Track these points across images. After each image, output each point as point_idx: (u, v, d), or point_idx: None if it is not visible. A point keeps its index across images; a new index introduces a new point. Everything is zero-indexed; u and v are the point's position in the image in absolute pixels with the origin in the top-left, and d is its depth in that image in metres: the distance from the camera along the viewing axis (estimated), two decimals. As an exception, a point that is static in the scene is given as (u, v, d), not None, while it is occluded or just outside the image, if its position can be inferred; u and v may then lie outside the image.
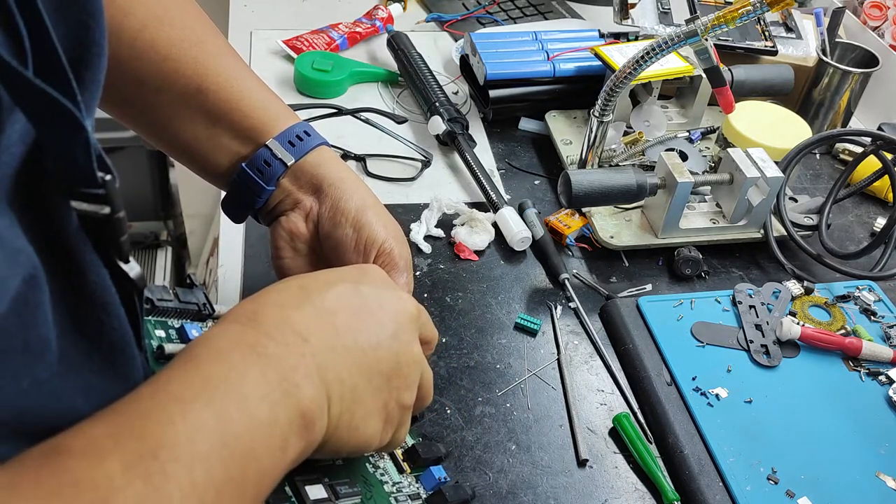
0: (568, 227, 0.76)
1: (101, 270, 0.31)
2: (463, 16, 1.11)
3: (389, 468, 0.48)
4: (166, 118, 0.54)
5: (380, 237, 0.52)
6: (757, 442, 0.58)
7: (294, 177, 0.54)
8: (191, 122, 0.53)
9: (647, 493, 0.57)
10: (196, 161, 0.56)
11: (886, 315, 0.70)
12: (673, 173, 0.71)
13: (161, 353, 0.41)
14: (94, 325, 0.31)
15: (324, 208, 0.54)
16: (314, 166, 0.54)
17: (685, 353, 0.64)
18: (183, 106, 0.53)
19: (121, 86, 0.52)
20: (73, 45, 0.30)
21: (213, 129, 0.53)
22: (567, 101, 0.91)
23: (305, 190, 0.54)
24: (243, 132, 0.54)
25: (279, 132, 0.54)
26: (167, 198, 1.80)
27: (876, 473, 0.57)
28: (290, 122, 0.55)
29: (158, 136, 0.56)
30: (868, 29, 1.04)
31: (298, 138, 0.54)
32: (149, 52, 0.51)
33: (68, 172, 0.29)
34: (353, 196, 0.53)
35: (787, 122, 0.82)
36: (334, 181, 0.54)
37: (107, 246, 0.32)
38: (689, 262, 0.73)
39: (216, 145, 0.54)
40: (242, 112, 0.53)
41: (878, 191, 0.87)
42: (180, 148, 0.55)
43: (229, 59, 0.55)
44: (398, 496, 0.47)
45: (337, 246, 0.53)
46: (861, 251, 0.73)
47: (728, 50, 0.94)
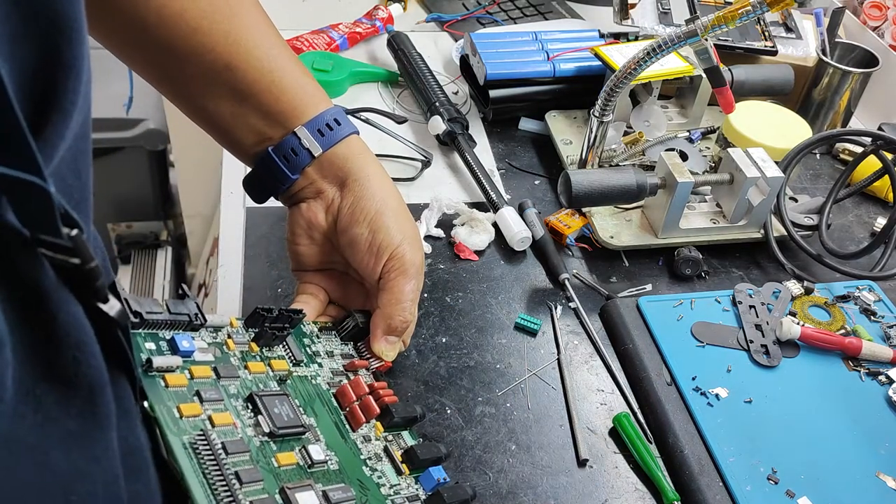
0: (568, 227, 0.76)
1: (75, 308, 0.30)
2: (463, 16, 1.11)
3: (387, 470, 0.48)
4: (192, 90, 0.52)
5: (394, 242, 0.52)
6: (757, 442, 0.58)
7: (320, 167, 0.53)
8: (218, 98, 0.51)
9: (647, 492, 0.57)
10: (221, 135, 0.54)
11: (886, 315, 0.70)
12: (673, 173, 0.71)
13: (149, 365, 0.41)
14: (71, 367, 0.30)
15: (345, 203, 0.53)
16: (342, 159, 0.53)
17: (685, 353, 0.64)
18: (210, 81, 0.51)
19: (145, 51, 0.50)
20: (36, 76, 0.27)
21: (240, 108, 0.52)
22: (567, 101, 0.91)
23: (330, 181, 0.53)
24: (272, 115, 0.52)
25: (309, 119, 0.52)
26: (167, 198, 1.80)
27: (876, 473, 0.57)
28: (322, 108, 0.53)
29: (184, 105, 0.54)
30: (868, 29, 1.04)
31: (329, 127, 0.52)
32: (178, 22, 0.49)
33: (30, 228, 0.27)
34: (375, 195, 0.53)
35: (787, 122, 0.82)
36: (359, 177, 0.53)
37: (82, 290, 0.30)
38: (690, 262, 0.73)
39: (243, 123, 0.52)
40: (272, 94, 0.51)
41: (878, 191, 0.87)
42: (206, 120, 0.53)
43: (263, 35, 0.52)
44: (395, 498, 0.47)
45: (352, 243, 0.53)
46: (861, 251, 0.73)
47: (728, 50, 0.94)
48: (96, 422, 0.31)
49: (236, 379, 0.45)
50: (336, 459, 0.46)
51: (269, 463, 0.42)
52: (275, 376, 0.48)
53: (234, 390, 0.44)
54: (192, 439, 0.39)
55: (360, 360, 0.54)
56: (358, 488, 0.45)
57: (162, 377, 0.41)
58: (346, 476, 0.45)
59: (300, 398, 0.48)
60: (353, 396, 0.50)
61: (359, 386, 0.50)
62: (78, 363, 0.30)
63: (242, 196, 0.78)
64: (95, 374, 0.31)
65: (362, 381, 0.50)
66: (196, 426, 0.40)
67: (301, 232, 0.54)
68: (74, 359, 0.29)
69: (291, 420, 0.45)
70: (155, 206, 1.75)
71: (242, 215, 0.76)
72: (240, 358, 0.47)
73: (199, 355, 0.45)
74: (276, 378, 0.48)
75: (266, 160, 0.53)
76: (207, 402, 0.42)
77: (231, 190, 0.79)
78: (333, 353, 0.53)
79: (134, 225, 1.75)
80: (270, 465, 0.42)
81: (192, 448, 0.39)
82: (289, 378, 0.48)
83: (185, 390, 0.42)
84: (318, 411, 0.48)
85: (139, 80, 1.71)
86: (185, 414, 0.40)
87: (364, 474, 0.47)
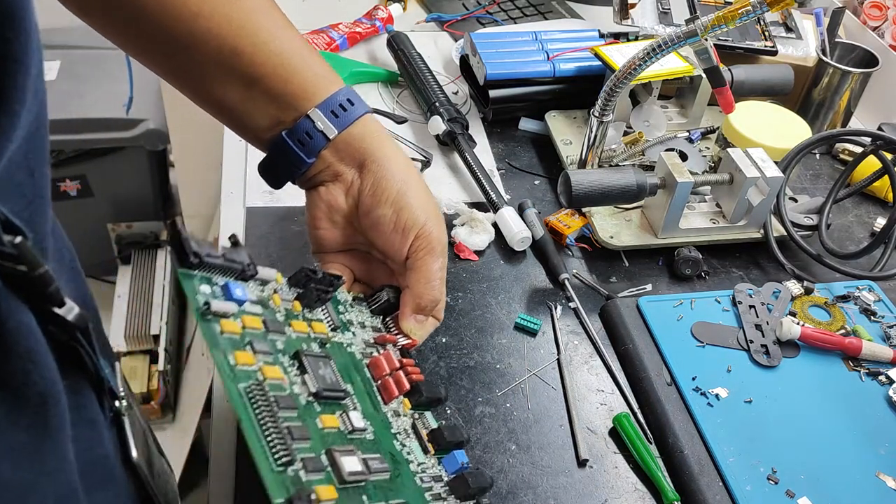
0: (568, 227, 0.76)
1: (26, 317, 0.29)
2: (463, 16, 1.11)
3: (415, 448, 0.47)
4: (199, 76, 0.50)
5: (419, 220, 0.51)
6: (757, 442, 0.58)
7: (336, 149, 0.52)
8: (226, 84, 0.50)
9: (647, 493, 0.57)
10: (232, 122, 0.53)
11: (886, 315, 0.70)
12: (673, 173, 0.71)
13: (207, 308, 0.40)
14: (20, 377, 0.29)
15: (365, 185, 0.52)
16: (358, 139, 0.52)
17: (685, 353, 0.64)
18: (216, 67, 0.49)
19: (147, 40, 0.49)
20: None
21: (249, 93, 0.50)
22: (567, 101, 0.91)
23: (347, 163, 0.52)
24: (282, 98, 0.51)
25: (322, 100, 0.51)
26: (167, 198, 1.80)
27: (876, 473, 0.57)
28: (334, 89, 0.52)
29: (192, 93, 0.52)
30: (868, 29, 1.04)
31: (342, 108, 0.51)
32: (178, 7, 0.47)
33: None
34: (395, 175, 0.52)
35: (786, 122, 0.82)
36: (378, 157, 0.52)
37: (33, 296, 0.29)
38: (689, 262, 0.73)
39: (253, 108, 0.51)
40: (281, 77, 0.50)
41: (877, 191, 0.87)
42: (216, 107, 0.52)
43: (267, 18, 0.50)
44: (423, 476, 0.46)
45: (376, 224, 0.52)
46: (861, 251, 0.73)
47: (728, 50, 0.94)
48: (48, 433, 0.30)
49: (283, 335, 0.44)
50: (371, 430, 0.45)
51: (315, 423, 0.41)
52: (315, 338, 0.47)
53: (280, 346, 0.44)
54: (249, 388, 0.39)
55: (390, 336, 0.53)
56: (390, 461, 0.44)
57: (218, 322, 0.41)
58: (380, 447, 0.45)
59: (338, 363, 0.47)
60: (385, 369, 0.49)
61: (390, 360, 0.49)
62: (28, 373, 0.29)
63: (242, 196, 0.78)
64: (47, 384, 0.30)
65: (392, 356, 0.50)
66: (250, 377, 0.40)
67: (321, 216, 0.53)
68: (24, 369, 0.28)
69: (334, 384, 0.44)
70: (155, 207, 1.75)
71: (242, 215, 0.76)
72: (284, 315, 0.46)
73: (249, 306, 0.44)
74: (316, 340, 0.47)
75: (280, 145, 0.51)
76: (259, 354, 0.41)
77: (231, 190, 0.79)
78: (365, 325, 0.53)
79: (134, 225, 1.75)
80: (315, 425, 0.41)
81: (249, 397, 0.38)
82: (328, 342, 0.48)
83: (239, 338, 0.41)
84: (353, 379, 0.47)
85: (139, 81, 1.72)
86: (240, 362, 0.40)
87: (395, 448, 0.46)
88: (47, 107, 0.32)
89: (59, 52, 1.73)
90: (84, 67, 1.70)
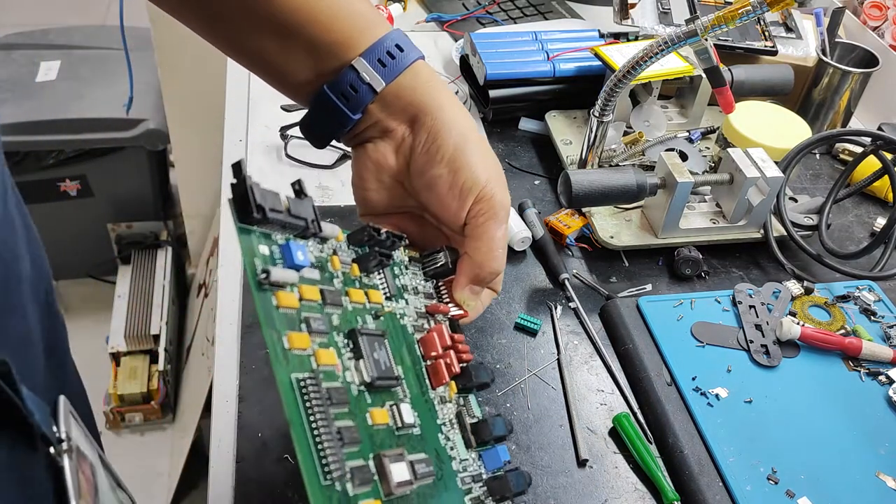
0: (568, 227, 0.76)
1: None
2: (463, 16, 1.11)
3: (458, 442, 0.43)
4: (230, 28, 0.45)
5: (480, 181, 0.46)
6: (757, 442, 0.58)
7: (385, 102, 0.46)
8: (259, 35, 0.45)
9: (647, 493, 0.57)
10: (271, 76, 0.48)
11: (886, 315, 0.70)
12: (673, 173, 0.71)
13: (266, 278, 0.36)
14: None
15: (418, 142, 0.47)
16: (409, 91, 0.46)
17: (685, 353, 0.64)
18: (248, 17, 0.44)
19: None
20: None
21: (285, 44, 0.45)
22: (567, 101, 0.91)
23: (397, 118, 0.47)
24: (324, 48, 0.45)
25: (367, 47, 0.45)
26: (167, 198, 1.80)
27: (876, 473, 0.57)
28: (380, 33, 0.46)
29: (227, 47, 0.47)
30: (868, 29, 1.04)
31: (390, 55, 0.46)
32: None
33: None
34: (452, 129, 0.46)
35: (786, 122, 0.82)
36: (432, 109, 0.46)
37: None
38: (689, 262, 0.73)
39: (291, 60, 0.46)
40: (321, 24, 0.44)
41: (877, 191, 0.87)
42: (252, 61, 0.47)
43: None
44: (464, 476, 0.42)
45: (431, 185, 0.47)
46: (861, 251, 0.73)
47: (728, 50, 0.94)
48: None
49: (339, 308, 0.40)
50: (418, 423, 0.41)
51: (365, 420, 0.37)
52: (370, 310, 0.43)
53: (336, 321, 0.39)
54: (303, 381, 0.35)
55: (443, 306, 0.48)
56: (434, 460, 0.41)
57: (274, 294, 0.36)
58: (426, 444, 0.41)
59: (391, 340, 0.43)
60: (437, 348, 0.44)
61: (442, 336, 0.44)
62: None
63: (242, 196, 0.78)
64: None
65: (444, 331, 0.45)
66: (304, 364, 0.35)
67: (369, 176, 0.48)
68: None
69: (388, 370, 0.40)
70: (155, 206, 1.75)
71: (242, 215, 0.76)
72: (342, 281, 0.42)
73: (308, 271, 0.39)
74: (371, 312, 0.42)
75: (322, 100, 0.46)
76: (315, 334, 0.37)
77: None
78: (418, 290, 0.48)
79: (134, 225, 1.75)
80: (365, 422, 0.37)
81: (302, 391, 0.34)
82: (381, 314, 0.43)
83: (295, 314, 0.37)
84: (403, 359, 0.43)
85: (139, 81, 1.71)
86: (294, 346, 0.35)
87: (440, 443, 0.42)
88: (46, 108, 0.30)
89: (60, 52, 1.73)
90: (84, 67, 1.70)
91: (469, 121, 0.48)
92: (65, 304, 1.83)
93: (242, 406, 0.58)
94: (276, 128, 0.84)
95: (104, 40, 1.77)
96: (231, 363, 0.62)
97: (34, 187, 1.62)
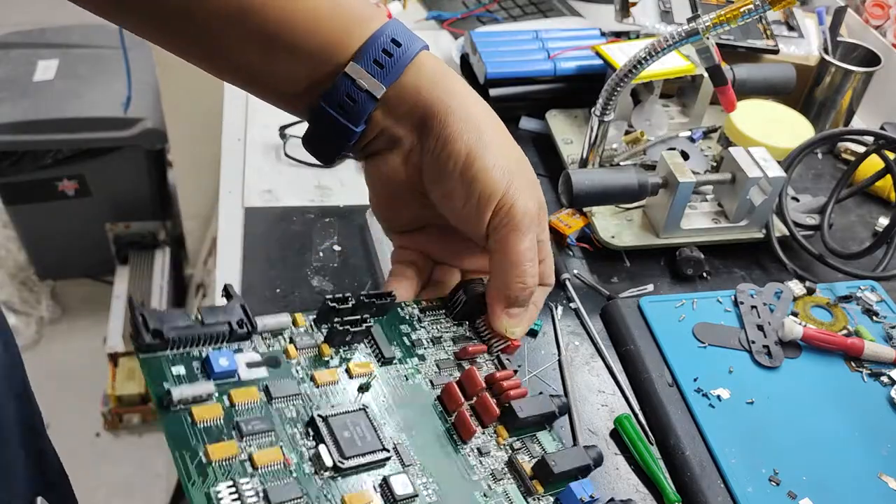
0: (569, 226, 0.76)
1: None
2: (463, 14, 1.11)
3: (512, 492, 0.38)
4: (209, 45, 0.41)
5: (497, 189, 0.41)
6: (759, 443, 0.58)
7: (388, 109, 0.42)
8: (240, 48, 0.41)
9: (648, 494, 0.56)
10: (262, 91, 0.44)
11: (889, 315, 0.69)
12: (674, 173, 0.71)
13: (169, 399, 0.33)
14: None
15: (427, 150, 0.42)
16: (413, 92, 0.42)
17: (687, 354, 0.64)
18: (225, 31, 0.40)
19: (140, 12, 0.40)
20: None
21: (269, 56, 0.41)
22: (568, 99, 0.91)
23: (404, 124, 0.42)
24: (311, 55, 0.41)
25: (358, 47, 0.41)
26: (165, 198, 1.80)
27: (878, 475, 0.57)
28: (373, 27, 0.41)
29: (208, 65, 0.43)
30: (870, 28, 1.03)
31: (387, 53, 0.41)
32: None
33: None
34: (462, 132, 0.41)
35: (789, 122, 0.81)
36: (439, 112, 0.41)
37: None
38: (691, 262, 0.73)
39: (278, 71, 0.42)
40: (304, 29, 0.40)
41: (880, 190, 0.87)
42: (237, 76, 0.43)
43: None
44: None
45: (446, 198, 0.43)
46: (863, 251, 0.73)
47: (730, 49, 0.93)
48: None
49: (296, 398, 0.37)
50: (434, 488, 0.37)
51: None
52: (357, 384, 0.39)
53: (291, 413, 0.37)
54: (219, 491, 0.32)
55: (476, 346, 0.43)
56: None
57: (188, 412, 0.34)
58: None
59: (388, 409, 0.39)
60: (460, 398, 0.39)
61: (472, 380, 0.40)
62: None
63: (241, 196, 0.77)
64: None
65: (476, 374, 0.40)
66: (227, 471, 0.33)
67: (381, 191, 0.45)
68: None
69: (368, 444, 0.36)
70: (153, 206, 1.75)
71: (241, 215, 0.75)
72: (306, 367, 0.39)
73: (247, 373, 0.37)
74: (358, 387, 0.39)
75: (321, 114, 0.42)
76: (250, 437, 0.35)
77: (229, 189, 0.78)
78: (442, 339, 0.43)
79: (132, 225, 1.74)
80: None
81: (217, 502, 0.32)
82: (370, 386, 0.40)
83: (222, 423, 0.34)
84: (414, 423, 0.39)
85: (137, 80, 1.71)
86: (216, 457, 0.33)
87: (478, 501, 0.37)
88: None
89: (57, 51, 1.73)
90: (82, 66, 1.69)
91: (484, 116, 0.43)
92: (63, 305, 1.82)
93: (240, 407, 0.58)
94: (275, 127, 0.84)
95: (102, 39, 1.76)
96: (229, 364, 0.61)
97: (32, 187, 1.61)
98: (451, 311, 0.45)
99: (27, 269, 1.83)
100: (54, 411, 1.63)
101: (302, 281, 0.68)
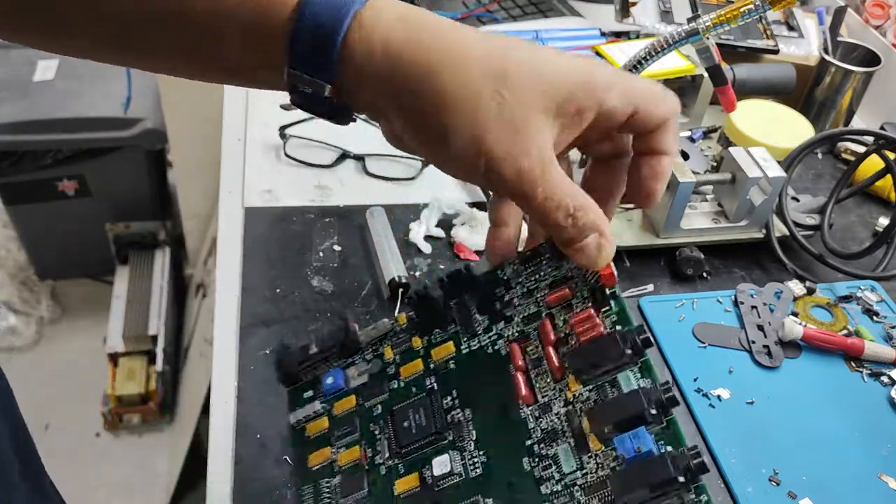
0: (568, 226, 0.76)
1: None
2: (463, 14, 1.11)
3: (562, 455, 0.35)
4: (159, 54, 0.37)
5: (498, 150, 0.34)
6: (759, 443, 0.58)
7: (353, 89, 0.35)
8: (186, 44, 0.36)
9: (648, 494, 0.56)
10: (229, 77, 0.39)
11: (889, 315, 0.69)
12: (674, 173, 0.71)
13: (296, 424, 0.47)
14: None
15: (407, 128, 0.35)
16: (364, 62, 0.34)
17: (687, 354, 0.64)
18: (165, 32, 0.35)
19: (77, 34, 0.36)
20: None
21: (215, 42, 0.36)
22: (567, 100, 0.91)
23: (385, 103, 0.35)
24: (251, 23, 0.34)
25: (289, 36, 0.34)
26: (165, 198, 1.79)
27: (878, 475, 0.57)
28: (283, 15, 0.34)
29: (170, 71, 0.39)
30: (870, 28, 1.03)
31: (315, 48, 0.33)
32: None
33: None
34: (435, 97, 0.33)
35: (789, 122, 0.81)
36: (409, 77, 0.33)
37: None
38: (691, 262, 0.73)
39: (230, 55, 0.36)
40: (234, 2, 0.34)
41: (880, 190, 0.87)
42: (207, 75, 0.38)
43: None
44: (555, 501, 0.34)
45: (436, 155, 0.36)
46: (863, 251, 0.73)
47: (730, 48, 0.93)
48: None
49: (383, 395, 0.44)
50: (482, 461, 0.37)
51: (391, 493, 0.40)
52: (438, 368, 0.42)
53: (379, 410, 0.44)
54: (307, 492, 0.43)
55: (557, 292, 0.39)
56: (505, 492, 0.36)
57: (303, 429, 0.45)
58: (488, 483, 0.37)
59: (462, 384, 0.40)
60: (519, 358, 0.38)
61: (545, 333, 0.38)
62: None
63: (241, 196, 0.77)
64: None
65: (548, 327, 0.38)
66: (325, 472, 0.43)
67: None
68: None
69: (421, 430, 0.40)
70: (153, 206, 1.74)
71: (241, 215, 0.75)
72: (398, 363, 0.44)
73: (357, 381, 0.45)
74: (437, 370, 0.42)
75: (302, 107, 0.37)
76: (338, 441, 0.44)
77: (229, 189, 0.78)
78: (539, 288, 0.40)
79: (132, 225, 1.74)
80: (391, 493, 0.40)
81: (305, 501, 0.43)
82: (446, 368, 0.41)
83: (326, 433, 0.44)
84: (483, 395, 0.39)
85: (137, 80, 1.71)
86: (313, 463, 0.43)
87: (522, 468, 0.36)
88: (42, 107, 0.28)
89: (57, 51, 1.72)
90: (82, 66, 1.69)
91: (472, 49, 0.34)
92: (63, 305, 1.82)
93: (241, 407, 0.58)
94: (275, 126, 0.84)
95: (102, 39, 1.76)
96: (229, 364, 0.61)
97: (32, 187, 1.61)
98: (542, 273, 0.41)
99: (27, 269, 1.83)
100: (54, 411, 1.64)
101: (302, 281, 0.68)
